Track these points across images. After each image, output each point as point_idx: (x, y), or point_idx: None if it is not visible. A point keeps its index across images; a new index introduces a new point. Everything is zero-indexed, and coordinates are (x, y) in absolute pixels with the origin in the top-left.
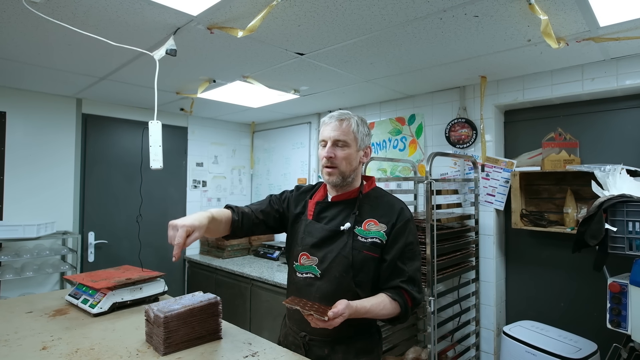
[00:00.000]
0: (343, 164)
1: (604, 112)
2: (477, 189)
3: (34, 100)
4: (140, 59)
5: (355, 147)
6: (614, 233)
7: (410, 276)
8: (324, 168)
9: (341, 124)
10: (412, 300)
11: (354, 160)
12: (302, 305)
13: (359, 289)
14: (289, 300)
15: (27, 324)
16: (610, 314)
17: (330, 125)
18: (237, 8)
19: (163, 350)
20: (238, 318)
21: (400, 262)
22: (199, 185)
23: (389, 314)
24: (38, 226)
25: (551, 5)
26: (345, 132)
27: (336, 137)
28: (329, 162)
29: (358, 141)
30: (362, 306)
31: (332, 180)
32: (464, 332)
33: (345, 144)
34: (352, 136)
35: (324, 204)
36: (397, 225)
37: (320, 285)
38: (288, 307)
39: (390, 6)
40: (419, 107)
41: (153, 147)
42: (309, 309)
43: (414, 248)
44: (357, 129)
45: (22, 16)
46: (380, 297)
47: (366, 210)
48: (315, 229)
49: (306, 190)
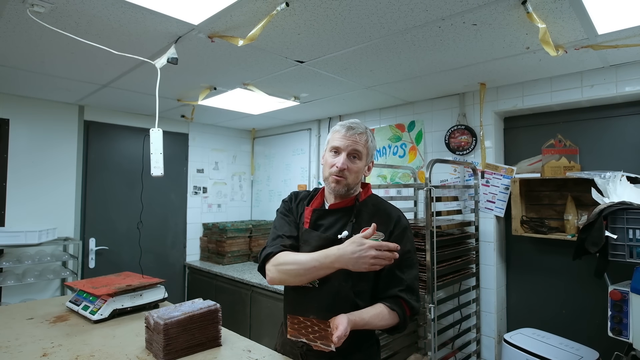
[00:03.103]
0: (352, 177)
1: (603, 118)
2: (477, 196)
3: (37, 108)
4: (142, 67)
5: (365, 161)
6: (614, 240)
7: (409, 285)
8: (333, 176)
9: (360, 137)
10: (411, 310)
11: (361, 174)
12: (304, 332)
13: (358, 298)
14: (291, 331)
15: (28, 330)
16: (612, 322)
17: (347, 136)
18: (237, 17)
19: (163, 357)
20: (238, 325)
21: (398, 270)
22: (199, 192)
23: (387, 324)
24: (40, 232)
25: (549, 13)
26: (362, 146)
27: (353, 149)
28: (341, 172)
29: (369, 156)
30: (360, 319)
31: (338, 189)
32: (465, 340)
33: (359, 158)
34: (366, 151)
35: (321, 212)
36: (394, 233)
37: (317, 296)
38: (294, 339)
39: (389, 15)
40: (419, 114)
41: (154, 154)
42: (313, 335)
43: (412, 256)
44: (370, 143)
45: (27, 25)
46: (379, 308)
47: (364, 218)
48: (311, 237)
49: (303, 197)
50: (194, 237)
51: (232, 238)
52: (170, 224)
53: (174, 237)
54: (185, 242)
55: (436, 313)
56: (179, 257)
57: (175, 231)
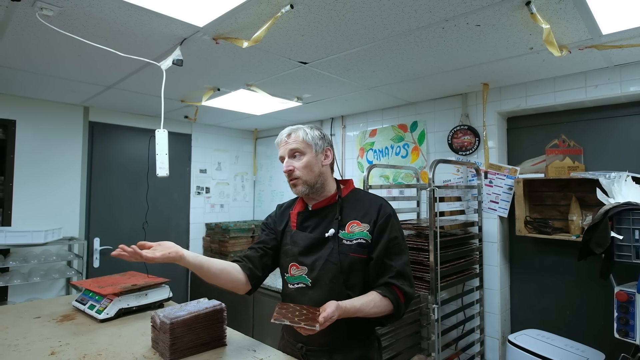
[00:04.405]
0: (304, 173)
1: (608, 118)
2: (481, 196)
3: (43, 109)
4: (147, 68)
5: (311, 152)
6: (620, 241)
7: (399, 271)
8: (289, 182)
9: (289, 137)
10: (404, 295)
11: (315, 166)
12: (290, 316)
13: (350, 291)
14: (276, 315)
15: (35, 329)
16: (618, 323)
17: (282, 143)
18: (242, 19)
19: (169, 356)
20: (241, 325)
21: (386, 258)
22: (202, 192)
23: (381, 311)
24: (46, 232)
25: (553, 14)
26: (295, 141)
27: (290, 149)
28: (290, 175)
29: (312, 146)
30: (351, 305)
31: (300, 190)
32: (469, 340)
33: (300, 153)
34: (304, 144)
35: (305, 213)
36: (378, 222)
37: (312, 294)
38: (277, 322)
39: (393, 16)
40: (421, 114)
41: (159, 155)
42: (299, 318)
43: (399, 242)
44: (306, 136)
45: (35, 28)
46: (371, 296)
47: (347, 213)
48: (300, 237)
49: (288, 205)
50: (197, 237)
51: (235, 238)
52: (173, 224)
53: (177, 237)
54: (188, 242)
55: (440, 314)
56: None
57: (178, 231)
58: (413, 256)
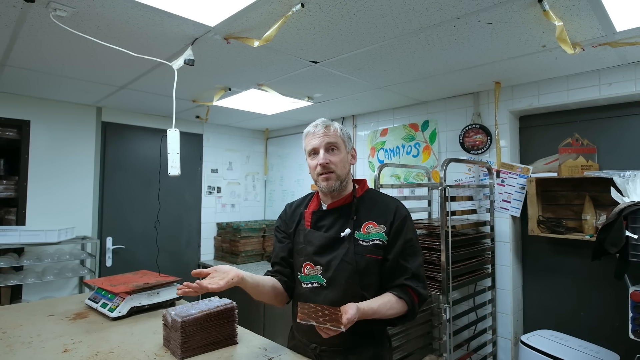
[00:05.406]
0: (339, 168)
1: (622, 117)
2: (493, 195)
3: (56, 109)
4: (159, 68)
5: (345, 150)
6: (635, 240)
7: (414, 273)
8: (320, 175)
9: (328, 129)
10: (418, 297)
11: (347, 164)
12: (314, 316)
13: (365, 292)
14: (301, 315)
15: (49, 327)
16: (633, 324)
17: (318, 134)
18: (253, 19)
19: (180, 354)
20: (252, 324)
21: (402, 259)
22: (213, 191)
23: (396, 313)
24: (59, 231)
25: (566, 11)
26: (334, 136)
27: (328, 142)
28: (325, 168)
29: (346, 144)
30: (369, 307)
31: (331, 185)
32: (481, 341)
33: (337, 148)
34: (341, 139)
35: (320, 213)
36: (395, 223)
37: (327, 294)
38: (303, 323)
39: (404, 15)
40: (433, 113)
41: (171, 154)
42: (322, 319)
43: (414, 244)
44: (342, 132)
45: (49, 29)
46: (387, 297)
47: (363, 214)
48: (314, 237)
49: (298, 204)
50: (208, 237)
51: (246, 238)
52: (184, 223)
53: (189, 237)
54: (199, 242)
55: (451, 314)
56: (193, 256)
57: (189, 231)
58: (425, 256)
